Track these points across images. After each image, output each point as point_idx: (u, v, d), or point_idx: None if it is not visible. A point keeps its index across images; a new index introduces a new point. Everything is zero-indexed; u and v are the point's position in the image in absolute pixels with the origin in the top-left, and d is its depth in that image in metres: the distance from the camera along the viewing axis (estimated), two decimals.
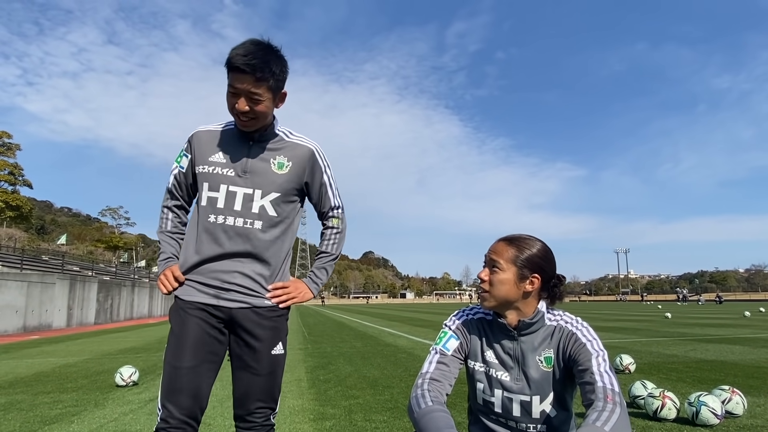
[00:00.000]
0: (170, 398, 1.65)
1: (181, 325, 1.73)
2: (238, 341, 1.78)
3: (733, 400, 3.71)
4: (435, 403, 1.47)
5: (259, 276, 1.78)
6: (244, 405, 1.76)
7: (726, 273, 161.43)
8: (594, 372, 1.44)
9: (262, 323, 1.77)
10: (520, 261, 1.57)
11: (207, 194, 1.78)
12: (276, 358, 1.80)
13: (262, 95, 1.67)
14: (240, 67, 1.61)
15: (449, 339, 1.67)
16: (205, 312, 1.73)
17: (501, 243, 1.63)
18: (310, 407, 4.35)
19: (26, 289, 18.39)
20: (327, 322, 20.69)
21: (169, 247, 1.88)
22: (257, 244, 1.77)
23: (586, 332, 1.56)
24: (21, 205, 49.92)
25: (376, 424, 3.70)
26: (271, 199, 1.79)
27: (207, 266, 1.76)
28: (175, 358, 1.68)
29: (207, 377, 1.72)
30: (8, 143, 51.08)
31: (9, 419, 4.09)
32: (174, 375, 1.66)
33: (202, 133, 1.84)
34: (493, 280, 1.58)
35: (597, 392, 1.38)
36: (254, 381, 1.76)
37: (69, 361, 8.08)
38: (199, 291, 1.75)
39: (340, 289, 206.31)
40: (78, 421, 3.96)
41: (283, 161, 1.82)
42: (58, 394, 5.19)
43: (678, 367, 6.38)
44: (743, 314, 21.50)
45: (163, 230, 1.90)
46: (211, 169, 1.78)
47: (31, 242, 58.37)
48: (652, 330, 13.16)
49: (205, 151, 1.80)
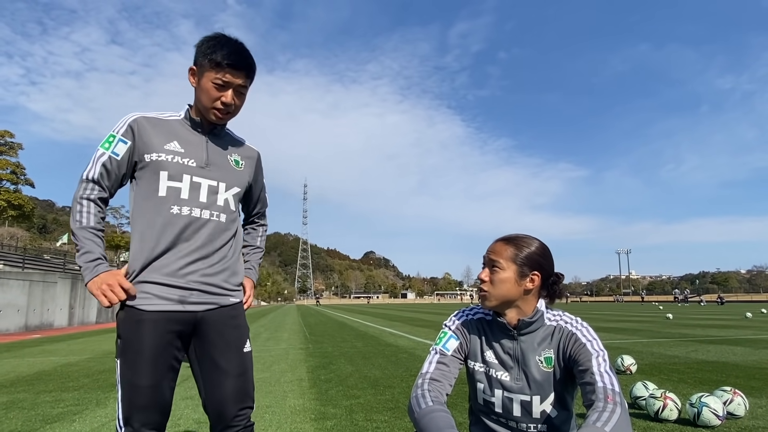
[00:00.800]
0: (135, 416, 1.58)
1: (136, 338, 1.60)
2: (204, 345, 1.70)
3: (734, 402, 3.70)
4: (435, 403, 1.47)
5: (224, 272, 1.76)
6: (224, 411, 1.67)
7: (727, 274, 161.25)
8: (594, 372, 1.44)
9: (229, 323, 1.74)
10: (519, 259, 1.58)
11: (167, 184, 1.67)
12: (246, 356, 1.77)
13: (246, 90, 1.77)
14: (236, 64, 1.68)
15: (449, 339, 1.68)
16: (166, 320, 1.62)
17: (499, 243, 1.64)
18: (312, 407, 4.35)
19: (28, 288, 18.42)
20: (328, 322, 20.69)
21: (96, 246, 1.65)
22: (222, 237, 1.75)
23: (586, 332, 1.57)
24: (23, 204, 50.02)
25: (377, 424, 3.70)
26: (233, 193, 1.81)
27: (169, 262, 1.64)
28: (134, 375, 1.58)
29: (169, 388, 1.66)
30: (10, 142, 51.19)
31: (11, 418, 4.10)
32: (135, 393, 1.58)
33: (145, 120, 1.72)
34: (493, 279, 1.59)
35: (597, 392, 1.38)
36: (230, 384, 1.68)
37: (70, 360, 8.09)
38: (159, 296, 1.62)
39: (341, 289, 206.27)
40: (80, 420, 3.97)
41: (239, 159, 1.86)
42: (60, 393, 5.20)
43: (679, 368, 6.37)
44: (745, 315, 21.45)
45: (84, 225, 1.64)
46: (169, 157, 1.68)
47: (33, 241, 58.47)
48: (654, 331, 13.14)
49: (156, 138, 1.70)
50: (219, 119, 1.76)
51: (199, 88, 1.72)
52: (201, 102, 1.74)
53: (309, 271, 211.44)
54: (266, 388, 5.30)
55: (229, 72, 1.68)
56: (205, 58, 1.68)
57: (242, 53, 1.71)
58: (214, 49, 1.67)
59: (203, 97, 1.72)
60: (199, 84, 1.72)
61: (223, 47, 1.67)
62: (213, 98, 1.70)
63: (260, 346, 10.06)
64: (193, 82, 1.75)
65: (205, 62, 1.68)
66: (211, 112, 1.74)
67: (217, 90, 1.69)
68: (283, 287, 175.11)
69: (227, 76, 1.68)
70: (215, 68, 1.67)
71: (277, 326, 17.80)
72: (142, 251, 1.65)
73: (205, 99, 1.72)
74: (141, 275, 1.65)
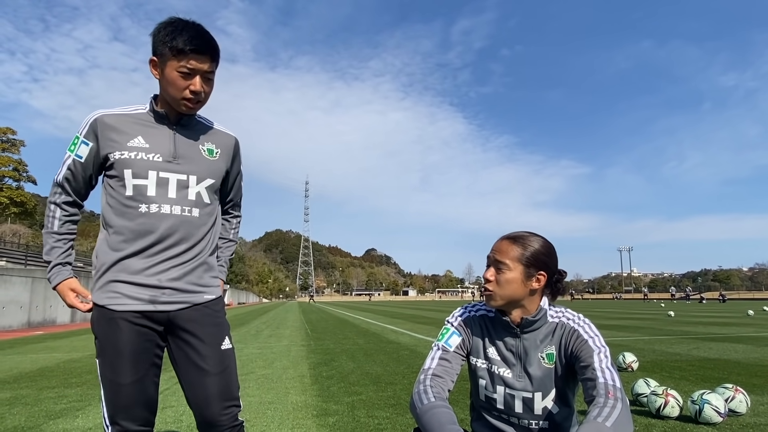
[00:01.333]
0: (120, 414, 1.57)
1: (112, 337, 1.58)
2: (180, 345, 1.66)
3: (736, 399, 3.70)
4: (437, 399, 1.48)
5: (198, 269, 1.70)
6: (208, 410, 1.63)
7: (729, 271, 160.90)
8: (596, 368, 1.44)
9: (203, 320, 1.68)
10: (525, 259, 1.56)
11: (132, 182, 1.61)
12: (226, 353, 1.70)
13: (213, 75, 1.68)
14: (200, 49, 1.59)
15: (451, 335, 1.68)
16: (139, 317, 1.60)
17: (505, 242, 1.61)
18: (314, 403, 4.36)
19: (30, 284, 18.47)
20: (329, 319, 20.72)
21: (57, 251, 1.65)
22: (195, 233, 1.68)
23: (588, 329, 1.56)
24: (25, 201, 50.19)
25: (379, 420, 3.71)
26: (206, 185, 1.72)
27: (138, 262, 1.61)
28: (114, 374, 1.57)
29: (153, 383, 1.64)
30: (12, 139, 51.29)
31: (14, 413, 4.12)
32: (118, 392, 1.57)
33: (107, 117, 1.65)
34: (499, 279, 1.56)
35: (598, 388, 1.39)
36: (210, 382, 1.64)
37: (73, 357, 8.11)
38: (129, 296, 1.59)
39: (343, 286, 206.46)
40: (83, 416, 3.98)
41: (212, 148, 1.77)
42: (63, 389, 5.22)
43: (681, 365, 6.37)
44: (747, 313, 21.43)
45: (48, 230, 1.66)
46: (132, 154, 1.61)
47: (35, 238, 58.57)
48: (655, 328, 13.14)
49: (118, 136, 1.63)
50: (189, 109, 1.68)
51: (164, 79, 1.63)
52: (168, 94, 1.65)
53: (310, 269, 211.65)
54: (268, 384, 5.32)
55: (193, 58, 1.58)
56: (165, 47, 1.58)
57: (204, 36, 1.61)
58: (174, 36, 1.57)
59: (170, 89, 1.63)
60: (162, 75, 1.63)
61: (183, 32, 1.58)
62: (180, 88, 1.61)
63: (262, 343, 10.08)
64: (155, 74, 1.65)
65: (166, 51, 1.58)
66: (181, 103, 1.65)
67: (184, 79, 1.60)
68: (285, 284, 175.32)
69: (192, 62, 1.59)
70: (178, 56, 1.58)
71: (278, 323, 17.83)
72: (109, 251, 1.63)
73: (172, 90, 1.63)
74: (109, 274, 1.62)
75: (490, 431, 1.67)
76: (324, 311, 30.68)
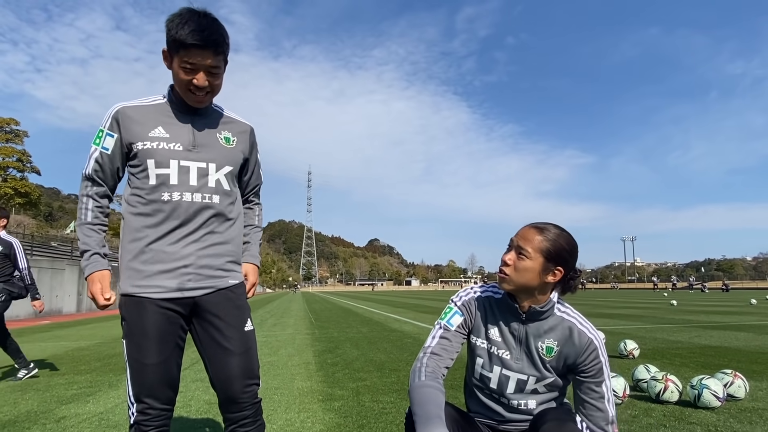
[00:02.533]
0: (145, 392, 1.64)
1: (139, 320, 1.64)
2: (205, 326, 1.73)
3: (735, 384, 3.76)
4: (429, 379, 1.54)
5: (221, 254, 1.75)
6: (231, 388, 1.71)
7: (733, 261, 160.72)
8: (605, 398, 1.57)
9: (227, 303, 1.74)
10: (548, 252, 1.56)
11: (155, 171, 1.66)
12: (248, 334, 1.78)
13: (220, 68, 1.67)
14: (199, 43, 1.57)
15: (453, 315, 1.73)
16: (166, 301, 1.66)
17: (532, 230, 1.60)
18: (319, 389, 4.44)
19: (37, 274, 18.51)
20: (333, 308, 20.86)
21: (92, 242, 1.69)
22: (217, 219, 1.74)
23: (603, 348, 1.62)
24: (30, 192, 50.37)
25: (383, 405, 3.78)
26: (225, 172, 1.76)
27: (163, 249, 1.66)
28: (140, 354, 1.63)
29: (176, 364, 1.71)
30: (16, 130, 51.38)
31: (27, 399, 4.21)
32: (143, 371, 1.64)
33: (129, 109, 1.69)
34: (518, 265, 1.58)
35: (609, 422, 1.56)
36: (234, 362, 1.71)
37: (81, 345, 8.23)
38: (156, 285, 1.65)
39: (346, 276, 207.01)
40: (93, 401, 4.07)
41: (229, 136, 1.81)
42: (73, 375, 5.32)
43: (682, 352, 6.43)
44: (749, 302, 21.46)
45: (82, 222, 1.70)
46: (154, 144, 1.66)
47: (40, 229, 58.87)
48: (657, 317, 13.20)
49: (140, 127, 1.68)
50: (198, 102, 1.70)
51: (172, 71, 1.65)
52: (176, 86, 1.69)
53: (314, 259, 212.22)
54: (274, 371, 5.41)
55: (194, 53, 1.57)
56: (171, 39, 1.59)
57: (207, 29, 1.58)
58: (178, 28, 1.56)
59: (176, 83, 1.66)
60: (171, 67, 1.65)
61: (186, 25, 1.56)
62: (184, 82, 1.63)
63: (267, 332, 10.18)
64: (167, 65, 1.68)
65: (171, 44, 1.60)
66: (187, 96, 1.68)
67: (186, 73, 1.61)
68: (288, 274, 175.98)
69: (193, 57, 1.58)
70: (180, 50, 1.58)
71: (282, 312, 17.97)
72: (135, 240, 1.67)
73: (177, 83, 1.66)
74: (135, 263, 1.67)
75: (481, 408, 1.74)
76: (327, 300, 30.85)
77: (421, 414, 1.42)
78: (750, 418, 3.33)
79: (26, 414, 3.70)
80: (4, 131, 50.44)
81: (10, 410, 3.83)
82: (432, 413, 1.40)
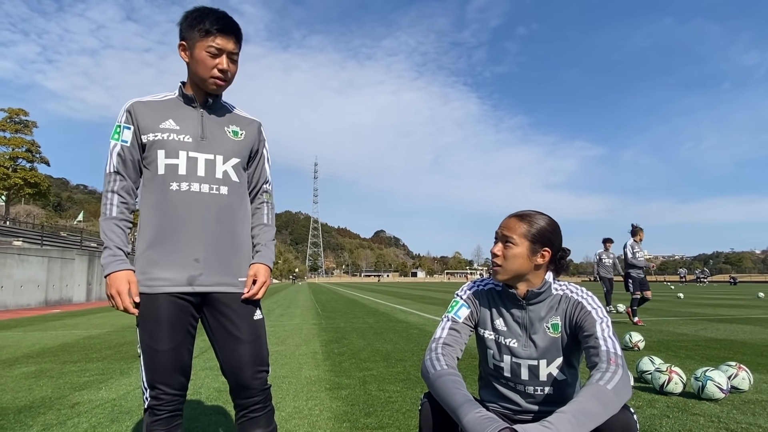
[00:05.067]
0: (158, 378, 1.69)
1: (151, 308, 1.70)
2: (216, 315, 1.78)
3: (739, 376, 3.78)
4: (449, 367, 1.58)
5: (230, 247, 1.80)
6: (241, 375, 1.77)
7: (742, 254, 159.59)
8: (598, 337, 1.54)
9: (237, 297, 1.80)
10: (531, 236, 1.66)
11: (165, 162, 1.73)
12: (258, 323, 1.84)
13: (237, 56, 1.80)
14: (225, 29, 1.72)
15: (460, 307, 1.77)
16: (177, 293, 1.71)
17: (512, 219, 1.71)
18: (326, 378, 4.51)
19: (47, 264, 18.87)
20: (339, 299, 20.98)
21: (116, 237, 1.71)
22: (225, 210, 1.79)
23: (591, 300, 1.66)
24: (39, 183, 50.69)
25: (389, 394, 3.84)
26: (232, 164, 1.83)
27: (173, 239, 1.71)
28: (152, 341, 1.69)
29: (188, 351, 1.76)
30: (25, 120, 51.62)
31: (41, 385, 4.31)
32: (156, 358, 1.69)
33: (141, 104, 1.79)
34: (506, 254, 1.66)
35: (601, 355, 1.48)
36: (244, 349, 1.77)
37: (92, 333, 8.36)
38: (167, 279, 1.70)
39: (352, 267, 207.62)
40: (106, 388, 4.16)
41: (237, 129, 1.88)
42: (85, 363, 5.43)
43: (687, 345, 6.45)
44: (757, 295, 21.36)
45: (106, 217, 1.72)
46: (165, 135, 1.74)
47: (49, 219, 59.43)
48: (664, 310, 13.19)
49: (152, 119, 1.76)
50: (218, 87, 1.79)
51: (193, 60, 1.75)
52: (197, 74, 1.76)
53: (320, 250, 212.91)
54: (282, 360, 5.49)
55: (219, 38, 1.71)
56: (193, 30, 1.72)
57: (228, 19, 1.75)
58: (202, 19, 1.71)
59: (199, 69, 1.75)
60: (192, 56, 1.75)
61: (209, 15, 1.72)
62: (209, 67, 1.73)
63: (274, 322, 10.29)
64: (185, 57, 1.77)
65: (194, 33, 1.72)
66: (210, 81, 1.76)
67: (212, 58, 1.73)
68: (295, 265, 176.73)
69: (218, 41, 1.71)
70: (206, 36, 1.71)
71: (289, 303, 18.11)
72: (147, 229, 1.74)
73: (201, 70, 1.74)
74: (147, 253, 1.72)
75: (497, 398, 1.78)
76: (333, 291, 31.00)
77: (456, 400, 1.44)
78: (753, 409, 3.36)
79: (41, 400, 3.80)
80: (13, 122, 50.71)
81: (26, 396, 3.93)
82: (464, 398, 1.44)
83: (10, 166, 49.09)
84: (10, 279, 16.67)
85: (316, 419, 3.21)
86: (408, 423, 3.10)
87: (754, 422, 3.07)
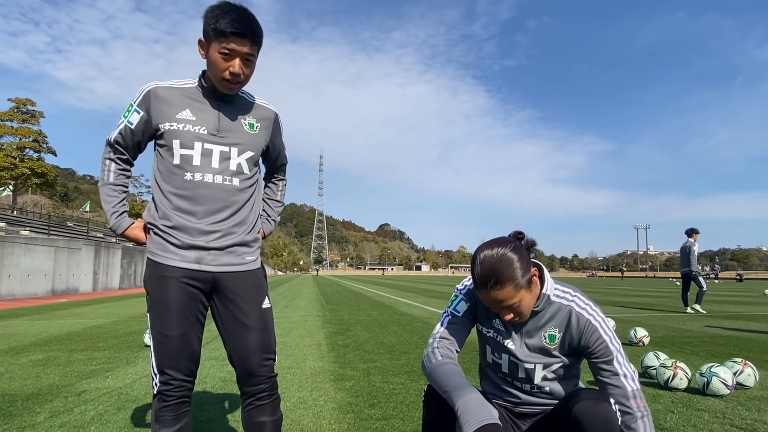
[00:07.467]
0: (167, 363, 1.71)
1: (162, 294, 1.73)
2: (225, 303, 1.81)
3: (744, 372, 3.77)
4: (444, 358, 1.60)
5: (240, 234, 1.83)
6: (249, 362, 1.79)
7: (748, 251, 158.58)
8: (619, 374, 1.56)
9: (245, 282, 1.83)
10: (520, 282, 1.53)
11: (180, 152, 1.76)
12: (266, 311, 1.86)
13: (254, 58, 1.77)
14: (239, 32, 1.67)
15: (460, 302, 1.78)
16: (186, 277, 1.74)
17: (499, 291, 1.52)
18: (331, 369, 4.53)
19: (54, 253, 19.00)
20: (343, 291, 21.04)
21: (116, 200, 1.82)
22: (236, 201, 1.82)
23: (603, 324, 1.62)
24: (46, 173, 50.94)
25: (393, 386, 3.86)
26: (247, 157, 1.85)
27: (184, 224, 1.74)
28: (162, 327, 1.72)
29: (197, 338, 1.78)
30: (32, 110, 51.80)
31: (48, 373, 4.35)
32: (165, 343, 1.71)
33: (161, 90, 1.78)
34: (519, 311, 1.57)
35: (629, 397, 1.54)
36: (252, 337, 1.80)
37: (98, 323, 8.43)
38: (177, 255, 1.74)
39: (356, 260, 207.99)
40: (112, 377, 4.20)
41: (253, 122, 1.89)
42: (91, 352, 5.47)
43: (692, 341, 6.43)
44: (763, 292, 21.24)
45: (105, 182, 1.82)
46: (181, 126, 1.76)
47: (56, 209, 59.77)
48: (669, 305, 13.16)
49: (169, 108, 1.77)
50: (229, 90, 1.78)
51: (208, 59, 1.73)
52: (211, 73, 1.76)
53: (324, 242, 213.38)
54: (286, 351, 5.51)
55: (233, 41, 1.67)
56: (210, 28, 1.68)
57: (246, 20, 1.69)
58: (218, 18, 1.66)
59: (212, 70, 1.74)
60: (207, 55, 1.73)
61: (226, 15, 1.67)
62: (221, 69, 1.71)
63: (279, 313, 10.33)
64: (202, 54, 1.76)
65: (210, 32, 1.68)
66: (221, 83, 1.75)
67: (225, 60, 1.70)
68: (299, 257, 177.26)
69: (232, 44, 1.67)
70: (220, 37, 1.67)
71: (294, 295, 18.18)
72: (159, 212, 1.77)
73: (214, 71, 1.73)
74: (160, 232, 1.77)
75: (496, 390, 1.79)
76: (338, 284, 31.09)
77: (450, 385, 1.46)
78: (758, 406, 3.34)
79: (48, 387, 3.84)
80: (21, 112, 50.91)
81: (33, 383, 3.97)
82: (460, 383, 1.45)
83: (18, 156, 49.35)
84: (18, 268, 16.81)
85: (321, 410, 3.23)
86: (412, 414, 3.11)
87: (759, 418, 3.07)
